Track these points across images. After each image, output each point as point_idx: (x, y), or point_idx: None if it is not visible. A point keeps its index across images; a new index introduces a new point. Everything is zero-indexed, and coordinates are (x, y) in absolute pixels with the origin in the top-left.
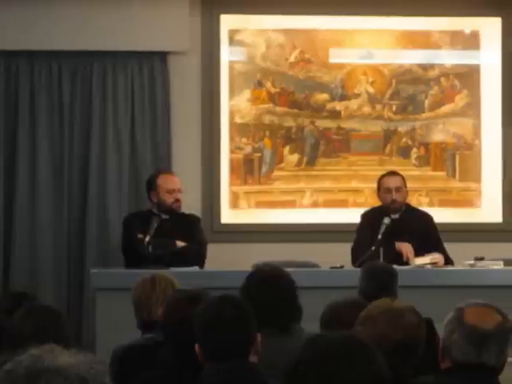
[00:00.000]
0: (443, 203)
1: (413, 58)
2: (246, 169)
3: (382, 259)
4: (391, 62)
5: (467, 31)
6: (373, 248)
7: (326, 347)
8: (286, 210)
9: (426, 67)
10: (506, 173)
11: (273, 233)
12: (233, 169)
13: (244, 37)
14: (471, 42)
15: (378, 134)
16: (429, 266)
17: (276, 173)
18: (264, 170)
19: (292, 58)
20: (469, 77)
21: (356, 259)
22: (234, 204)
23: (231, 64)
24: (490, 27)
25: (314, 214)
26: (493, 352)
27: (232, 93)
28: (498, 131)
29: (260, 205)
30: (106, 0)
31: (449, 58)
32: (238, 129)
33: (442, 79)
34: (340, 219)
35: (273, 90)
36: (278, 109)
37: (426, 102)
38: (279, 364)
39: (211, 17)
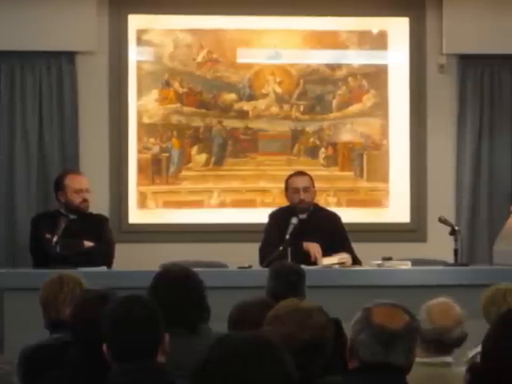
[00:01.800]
0: (351, 203)
1: (320, 58)
2: (154, 169)
3: (289, 259)
4: (299, 62)
5: (375, 31)
6: (281, 248)
7: (234, 347)
8: (194, 209)
9: (333, 67)
10: (413, 173)
11: (181, 233)
12: (140, 169)
13: (152, 37)
14: (379, 42)
15: (285, 134)
16: (336, 266)
17: (184, 173)
18: (172, 170)
19: (199, 58)
20: (376, 77)
21: (264, 259)
22: (142, 204)
23: (139, 64)
24: (397, 27)
25: (221, 214)
26: (400, 352)
27: (140, 93)
28: (405, 131)
29: (168, 205)
30: (12, 0)
31: (356, 58)
32: (145, 129)
33: (350, 79)
34: (248, 219)
35: (180, 90)
36: (186, 109)
37: (334, 102)
38: (187, 364)
39: (119, 17)
